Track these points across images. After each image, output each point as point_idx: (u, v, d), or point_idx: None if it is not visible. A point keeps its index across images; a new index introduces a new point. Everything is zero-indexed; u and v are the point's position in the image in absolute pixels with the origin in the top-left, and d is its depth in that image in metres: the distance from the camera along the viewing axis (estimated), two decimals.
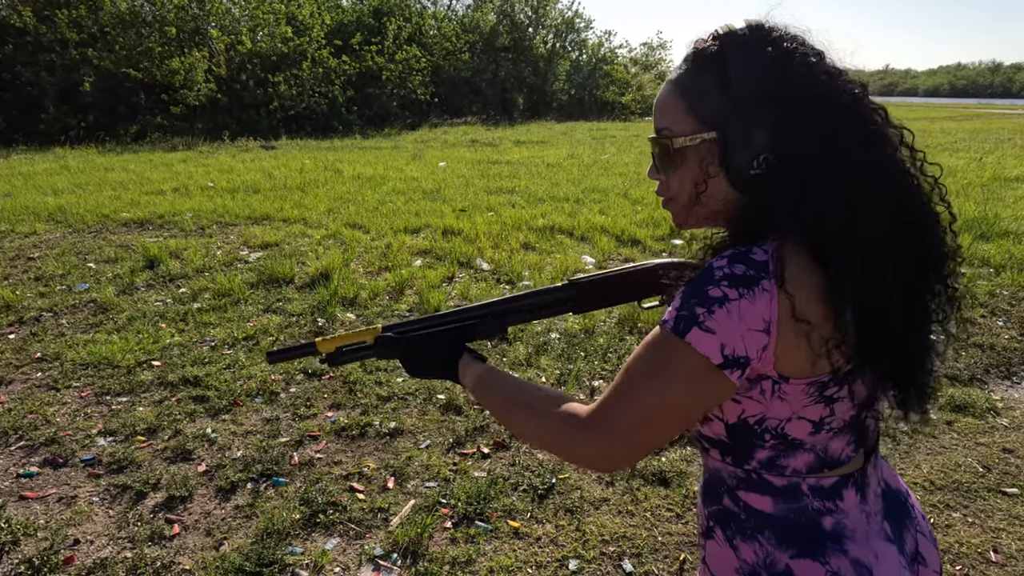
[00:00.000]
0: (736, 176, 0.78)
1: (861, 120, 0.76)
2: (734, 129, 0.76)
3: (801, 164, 0.73)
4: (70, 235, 6.04)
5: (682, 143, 0.81)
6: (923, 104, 52.13)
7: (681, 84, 0.82)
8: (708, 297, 0.72)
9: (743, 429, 0.80)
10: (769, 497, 0.81)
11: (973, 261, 5.28)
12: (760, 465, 0.81)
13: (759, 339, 0.72)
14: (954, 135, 16.83)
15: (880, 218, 0.73)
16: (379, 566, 2.12)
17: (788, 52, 0.76)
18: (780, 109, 0.74)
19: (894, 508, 0.88)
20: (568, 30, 26.67)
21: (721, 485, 0.86)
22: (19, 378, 3.40)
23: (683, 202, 0.85)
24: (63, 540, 2.22)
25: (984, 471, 2.66)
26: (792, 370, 0.75)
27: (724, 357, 0.72)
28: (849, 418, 0.80)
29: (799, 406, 0.77)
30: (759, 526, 0.81)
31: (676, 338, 0.73)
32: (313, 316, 4.19)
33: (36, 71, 14.46)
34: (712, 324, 0.71)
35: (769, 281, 0.72)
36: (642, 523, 2.34)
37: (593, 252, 5.71)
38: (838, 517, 0.80)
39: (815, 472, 0.81)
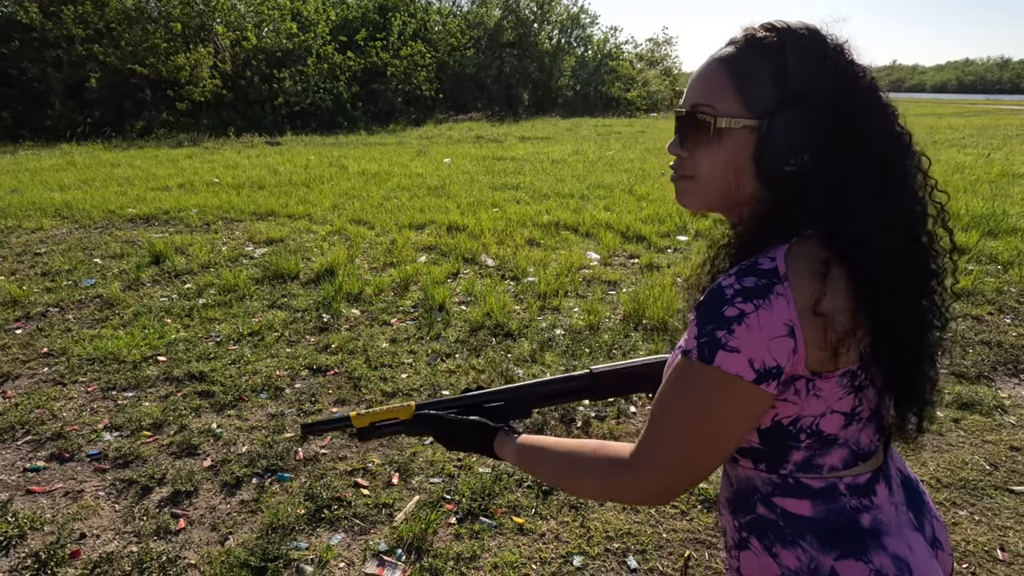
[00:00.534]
0: (768, 170, 0.78)
1: (895, 136, 0.80)
2: (779, 123, 0.76)
3: (837, 169, 0.76)
4: (76, 231, 6.07)
5: (725, 123, 0.79)
6: (930, 100, 51.84)
7: (732, 65, 0.80)
8: (725, 318, 0.72)
9: (777, 432, 0.80)
10: (808, 500, 0.81)
11: (980, 258, 5.26)
12: (796, 467, 0.81)
13: (786, 344, 0.72)
14: (962, 131, 16.73)
15: (900, 230, 0.77)
16: (384, 561, 2.12)
17: (844, 60, 0.78)
18: (829, 113, 0.76)
19: (911, 496, 0.89)
20: (573, 26, 26.61)
21: (754, 494, 0.85)
22: (26, 373, 3.41)
23: (705, 183, 0.84)
24: (69, 534, 2.23)
25: (991, 469, 2.64)
26: (823, 365, 0.75)
27: (756, 372, 0.72)
28: (874, 406, 0.82)
29: (833, 400, 0.78)
30: (799, 531, 0.81)
31: (703, 365, 0.73)
32: (318, 312, 4.20)
33: (43, 67, 14.50)
34: (735, 343, 0.72)
35: (782, 285, 0.72)
36: (647, 520, 2.34)
37: (598, 248, 5.70)
38: (874, 513, 0.81)
39: (850, 467, 0.82)
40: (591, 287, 4.75)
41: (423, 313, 4.20)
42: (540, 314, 4.24)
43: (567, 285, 4.70)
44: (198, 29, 16.46)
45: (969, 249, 5.40)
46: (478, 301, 4.36)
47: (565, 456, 0.91)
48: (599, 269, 5.14)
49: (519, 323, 4.03)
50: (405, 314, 4.23)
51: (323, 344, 3.77)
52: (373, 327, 4.02)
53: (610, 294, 4.64)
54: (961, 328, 3.99)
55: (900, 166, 0.79)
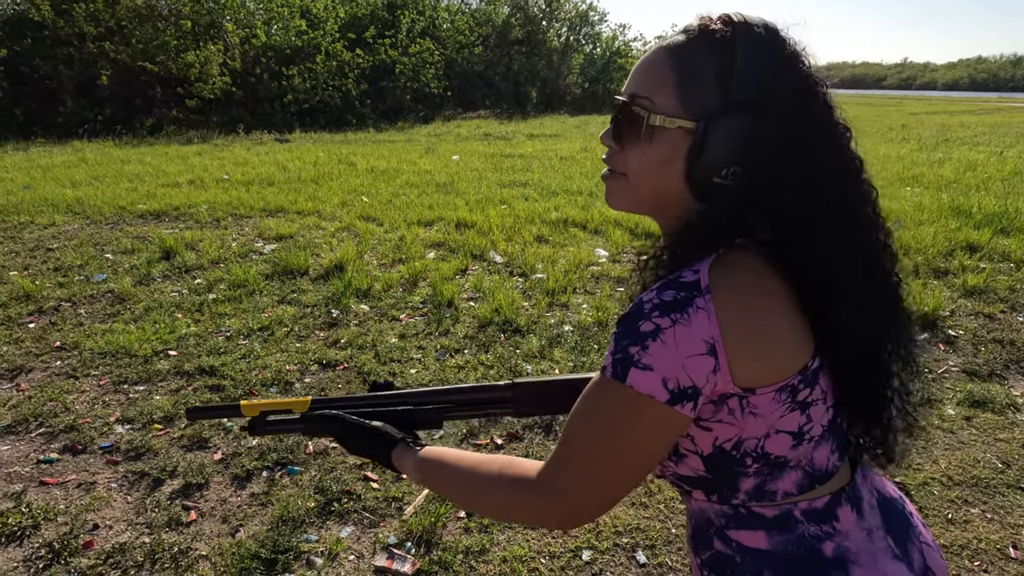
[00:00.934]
0: (698, 178, 0.73)
1: (845, 162, 0.75)
2: (716, 130, 0.71)
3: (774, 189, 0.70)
4: (88, 226, 6.11)
5: (659, 121, 0.73)
6: (942, 98, 51.41)
7: (677, 56, 0.74)
8: (640, 333, 0.67)
9: (721, 458, 0.74)
10: (763, 532, 0.75)
11: (993, 256, 5.21)
12: (748, 496, 0.75)
13: (704, 363, 0.67)
14: (974, 129, 16.59)
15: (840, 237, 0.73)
16: (393, 554, 2.13)
17: (795, 68, 0.72)
18: (773, 125, 0.70)
19: (893, 519, 0.81)
20: (582, 23, 26.54)
21: (709, 527, 0.79)
22: (39, 366, 3.44)
23: (635, 183, 0.78)
24: (83, 525, 2.25)
25: (1003, 467, 2.62)
26: (755, 379, 0.69)
27: (670, 392, 0.67)
28: (827, 423, 0.75)
29: (774, 418, 0.71)
30: (757, 567, 0.74)
31: (616, 383, 0.68)
32: (327, 307, 4.21)
33: (54, 65, 14.60)
34: (648, 360, 0.66)
35: (703, 299, 0.67)
36: (656, 515, 2.34)
37: (607, 245, 5.69)
38: (838, 540, 0.74)
39: (806, 491, 0.75)
40: (600, 284, 4.74)
41: (432, 309, 4.21)
42: (549, 310, 4.24)
43: (576, 282, 4.70)
44: (208, 27, 16.52)
45: (981, 247, 5.36)
46: (487, 297, 4.36)
47: (468, 473, 0.83)
48: (608, 266, 5.14)
49: (528, 319, 4.03)
50: (414, 310, 4.23)
51: (332, 339, 3.78)
52: (382, 322, 4.03)
53: (619, 291, 4.63)
54: (973, 326, 3.96)
55: (847, 195, 0.74)
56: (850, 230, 0.73)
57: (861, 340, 0.74)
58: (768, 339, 0.69)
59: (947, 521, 2.32)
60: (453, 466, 0.85)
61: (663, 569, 2.10)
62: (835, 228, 0.72)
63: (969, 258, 5.12)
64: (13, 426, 2.87)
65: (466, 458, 0.86)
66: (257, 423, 1.01)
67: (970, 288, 4.50)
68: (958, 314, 4.15)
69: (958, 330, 3.92)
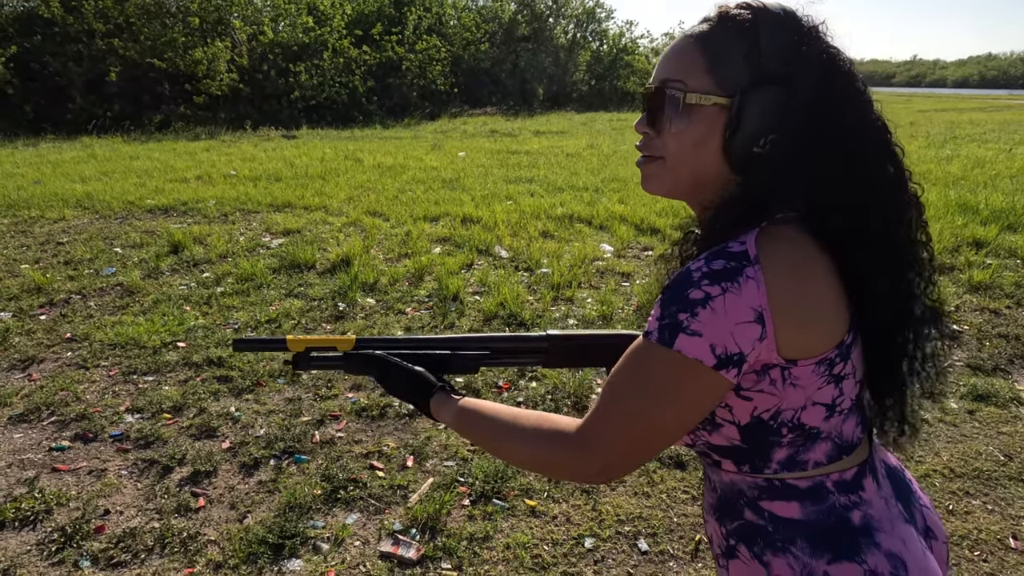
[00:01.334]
0: (737, 151, 0.76)
1: (869, 123, 0.78)
2: (751, 102, 0.74)
3: (808, 152, 0.74)
4: (97, 221, 6.17)
5: (695, 100, 0.77)
6: (952, 95, 51.06)
7: (704, 41, 0.78)
8: (689, 300, 0.70)
9: (758, 428, 0.76)
10: (796, 502, 0.78)
11: (1000, 252, 5.20)
12: (780, 466, 0.78)
13: (751, 331, 0.69)
14: (983, 126, 16.49)
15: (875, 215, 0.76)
16: (398, 541, 2.16)
17: (817, 41, 0.76)
18: (801, 94, 0.74)
19: (899, 487, 0.86)
20: (589, 20, 26.48)
21: (740, 498, 0.81)
22: (50, 357, 3.49)
23: (673, 165, 0.81)
24: (94, 510, 2.30)
25: (1006, 459, 2.64)
26: (798, 351, 0.72)
27: (717, 357, 0.69)
28: (855, 396, 0.79)
29: (812, 390, 0.74)
30: (790, 536, 0.77)
31: (663, 348, 0.71)
32: (334, 300, 4.25)
33: (64, 61, 14.68)
34: (698, 326, 0.69)
35: (753, 268, 0.70)
36: (658, 504, 2.36)
37: (612, 240, 5.70)
38: (864, 509, 0.78)
39: (834, 461, 0.79)
40: (604, 278, 4.76)
41: (437, 302, 4.24)
42: (553, 304, 4.26)
43: (580, 276, 4.72)
44: (215, 23, 16.59)
45: (988, 243, 5.34)
46: (492, 291, 4.39)
47: (506, 423, 0.85)
48: (613, 261, 5.15)
49: (532, 313, 4.06)
50: (419, 303, 4.27)
51: (339, 331, 3.82)
52: (388, 315, 4.06)
53: (623, 286, 4.65)
54: (978, 321, 3.96)
55: (873, 153, 0.77)
56: (877, 185, 0.77)
57: (892, 305, 0.77)
58: (813, 310, 0.72)
59: (948, 512, 2.33)
60: (491, 416, 0.88)
61: (664, 556, 2.13)
62: (863, 184, 0.75)
63: (975, 254, 5.12)
64: (26, 414, 2.92)
65: (504, 409, 0.88)
66: (301, 358, 1.01)
67: (976, 284, 4.49)
68: (963, 309, 4.15)
69: (963, 325, 3.92)
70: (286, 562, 2.08)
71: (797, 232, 0.75)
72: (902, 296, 0.79)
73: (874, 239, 0.76)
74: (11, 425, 2.85)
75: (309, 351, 1.01)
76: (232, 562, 2.07)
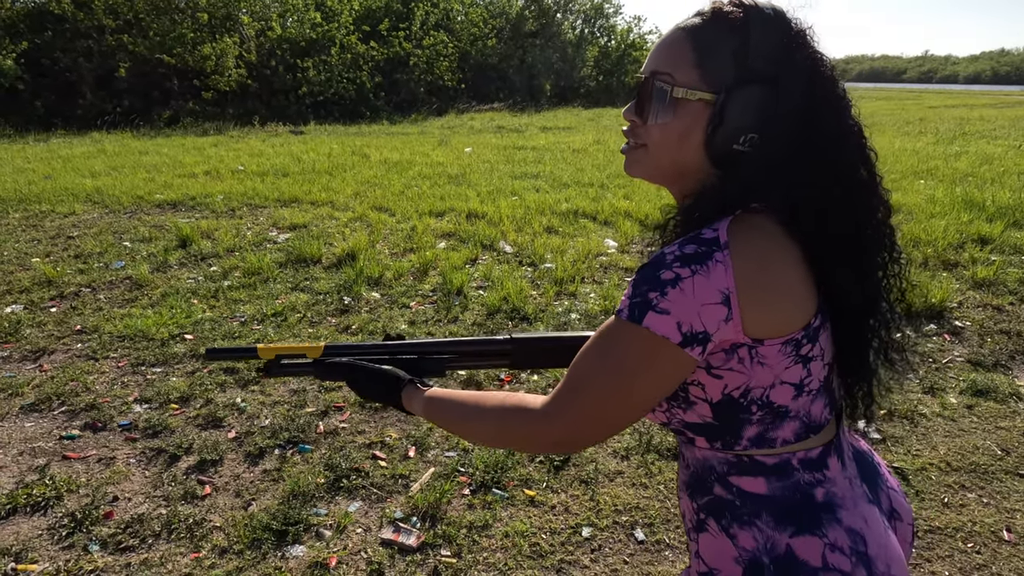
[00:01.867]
0: (718, 145, 0.79)
1: (846, 127, 0.81)
2: (735, 100, 0.77)
3: (786, 151, 0.77)
4: (107, 215, 6.24)
5: (682, 94, 0.79)
6: (963, 91, 50.61)
7: (695, 36, 0.80)
8: (660, 280, 0.73)
9: (729, 405, 0.79)
10: (762, 478, 0.81)
11: (1004, 248, 5.19)
12: (750, 443, 0.81)
13: (717, 312, 0.72)
14: (993, 123, 16.36)
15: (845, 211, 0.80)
16: (399, 528, 2.20)
17: (804, 45, 0.78)
18: (784, 95, 0.76)
19: (865, 469, 0.90)
20: (597, 15, 26.42)
21: (711, 474, 0.85)
22: (60, 348, 3.56)
23: (655, 153, 0.84)
24: (103, 497, 2.35)
25: (1003, 454, 2.65)
26: (764, 331, 0.75)
27: (683, 335, 0.72)
28: (823, 378, 0.82)
29: (780, 369, 0.77)
30: (755, 510, 0.81)
31: (632, 325, 0.74)
32: (340, 295, 4.30)
33: (74, 57, 14.81)
34: (666, 305, 0.72)
35: (722, 253, 0.73)
36: (655, 495, 2.39)
37: (616, 236, 5.72)
38: (827, 487, 0.81)
39: (802, 440, 0.82)
40: (608, 274, 4.79)
41: (441, 297, 4.28)
42: (556, 299, 4.30)
43: (584, 271, 4.75)
44: (224, 19, 16.68)
45: (993, 239, 5.33)
46: (495, 286, 4.42)
47: (472, 405, 0.90)
48: (617, 256, 5.18)
49: (535, 307, 4.09)
50: (424, 297, 4.31)
51: (344, 325, 3.87)
52: (393, 309, 4.11)
53: (627, 280, 4.68)
54: (980, 317, 3.97)
55: (849, 157, 0.80)
56: (851, 189, 0.80)
57: (859, 296, 0.81)
58: (779, 294, 0.76)
59: (943, 505, 2.36)
60: (458, 400, 0.93)
61: (660, 546, 2.16)
62: (838, 188, 0.79)
63: (980, 250, 5.11)
64: (37, 404, 2.98)
65: (469, 394, 0.93)
66: (272, 365, 1.06)
67: (979, 280, 4.49)
68: (966, 306, 4.15)
69: (965, 321, 3.92)
70: (289, 548, 2.12)
71: (768, 222, 0.79)
72: (867, 288, 0.83)
73: (843, 238, 0.79)
74: (23, 414, 2.92)
75: (280, 358, 1.06)
76: (237, 547, 2.12)
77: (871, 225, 0.82)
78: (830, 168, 0.78)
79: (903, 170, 8.68)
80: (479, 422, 0.89)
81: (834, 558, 0.78)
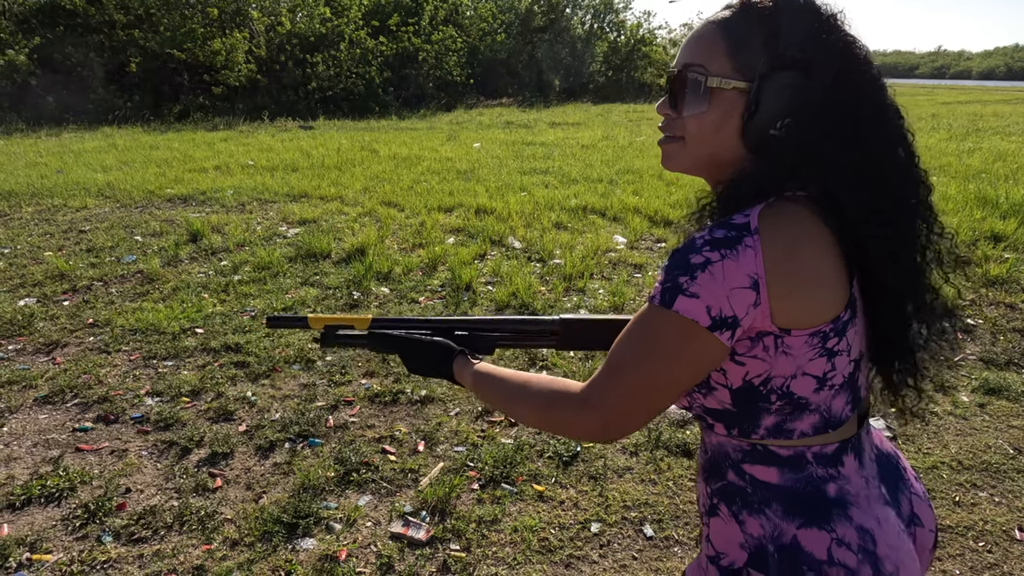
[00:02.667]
0: (755, 132, 0.79)
1: (882, 108, 0.80)
2: (769, 86, 0.77)
3: (822, 135, 0.77)
4: (118, 210, 6.28)
5: (716, 83, 0.80)
6: (977, 87, 50.10)
7: (726, 27, 0.81)
8: (690, 265, 0.73)
9: (748, 392, 0.79)
10: (775, 468, 0.81)
11: (1018, 246, 5.14)
12: (767, 433, 0.81)
13: (746, 296, 0.73)
14: (1007, 119, 16.19)
15: (883, 195, 0.79)
16: (408, 522, 2.21)
17: (835, 28, 0.79)
18: (818, 80, 0.76)
19: (887, 471, 0.89)
20: (606, 10, 26.29)
21: (726, 460, 0.85)
22: (73, 341, 3.59)
23: (692, 145, 0.84)
24: (116, 488, 2.38)
25: (1015, 453, 2.63)
26: (792, 320, 0.75)
27: (712, 319, 0.73)
28: (847, 374, 0.81)
29: (804, 360, 0.77)
30: (766, 498, 0.81)
31: (663, 310, 0.75)
32: (349, 289, 4.31)
33: (85, 52, 14.90)
34: (696, 289, 0.73)
35: (752, 238, 0.73)
36: (664, 491, 2.39)
37: (625, 232, 5.71)
38: (841, 483, 0.81)
39: (820, 433, 0.81)
40: (617, 270, 4.78)
41: (450, 292, 4.28)
42: (565, 295, 4.29)
43: (593, 267, 4.74)
44: (234, 14, 16.73)
45: (1007, 237, 5.28)
46: (504, 281, 4.42)
47: (518, 385, 0.91)
48: (625, 252, 5.17)
49: (544, 303, 4.09)
50: (433, 293, 4.32)
51: None
52: (401, 304, 4.12)
53: (635, 277, 4.67)
54: (994, 315, 3.94)
55: (886, 137, 0.80)
56: (888, 170, 0.79)
57: (896, 279, 0.80)
58: (808, 282, 0.75)
59: (954, 503, 2.34)
60: (505, 378, 0.94)
61: (669, 542, 2.16)
62: (873, 172, 0.78)
63: (993, 248, 5.06)
64: (50, 396, 3.01)
65: (516, 374, 0.94)
66: (329, 335, 1.08)
67: (992, 278, 4.45)
68: (978, 303, 4.12)
69: (977, 319, 3.89)
70: (300, 541, 2.14)
71: (802, 208, 0.77)
72: (904, 272, 0.81)
73: (881, 220, 0.78)
74: (36, 406, 2.95)
75: (335, 328, 1.07)
76: (248, 540, 2.14)
77: (909, 206, 0.82)
78: (866, 149, 0.78)
79: None
80: (524, 404, 0.90)
81: (840, 553, 0.78)
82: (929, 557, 0.92)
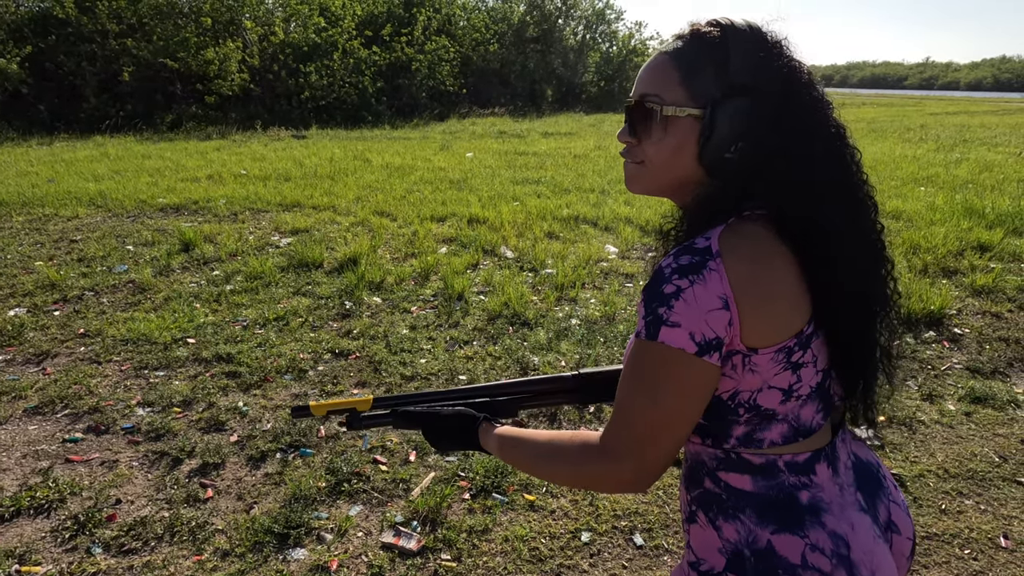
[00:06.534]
0: (710, 156, 0.83)
1: (829, 127, 0.85)
2: (721, 112, 0.81)
3: (775, 156, 0.81)
4: (110, 219, 6.27)
5: (671, 112, 0.84)
6: (964, 98, 50.65)
7: (678, 57, 0.84)
8: (664, 295, 0.76)
9: (717, 406, 0.83)
10: (748, 476, 0.84)
11: (1004, 256, 5.21)
12: (739, 442, 0.84)
13: (722, 316, 0.75)
14: (994, 130, 16.40)
15: (838, 210, 0.83)
16: (400, 532, 2.22)
17: (780, 55, 0.83)
18: (767, 104, 0.80)
19: (865, 479, 0.91)
20: (599, 21, 26.50)
21: (702, 468, 0.88)
22: (64, 352, 3.58)
23: (652, 169, 0.88)
24: (106, 499, 2.37)
25: (1000, 461, 2.66)
26: (759, 339, 0.78)
27: (697, 345, 0.75)
28: (815, 384, 0.84)
29: (769, 375, 0.80)
30: (740, 504, 0.84)
31: (651, 343, 0.77)
32: (341, 299, 4.32)
33: (78, 61, 14.87)
34: (675, 317, 0.75)
35: (715, 261, 0.76)
36: (654, 500, 2.41)
37: (617, 242, 5.75)
38: (813, 491, 0.83)
39: (790, 443, 0.84)
40: (608, 279, 4.81)
41: (442, 302, 4.30)
42: (557, 304, 4.32)
43: (584, 277, 4.77)
44: (227, 24, 16.75)
45: (993, 247, 5.35)
46: (496, 291, 4.44)
47: (543, 445, 0.92)
48: (617, 262, 5.20)
49: (536, 313, 4.11)
50: (425, 302, 4.33)
51: (345, 329, 3.89)
52: (394, 314, 4.13)
53: (627, 286, 4.70)
54: (979, 325, 3.98)
55: (830, 155, 0.84)
56: (837, 190, 0.83)
57: (851, 297, 0.83)
58: (773, 298, 0.78)
59: (940, 511, 2.37)
60: (530, 440, 0.95)
61: (659, 551, 2.18)
62: (824, 188, 0.82)
63: (979, 257, 5.13)
64: (40, 407, 3.00)
65: (540, 433, 0.95)
66: (354, 419, 1.09)
67: (979, 287, 4.51)
68: (965, 313, 4.17)
69: (964, 328, 3.94)
70: (291, 551, 2.14)
71: (760, 227, 0.81)
72: (859, 288, 0.85)
73: (831, 236, 0.81)
74: (26, 417, 2.94)
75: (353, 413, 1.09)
76: (239, 550, 2.14)
77: (856, 221, 0.85)
78: (812, 168, 0.81)
79: (903, 177, 8.71)
80: (551, 467, 0.90)
81: (814, 558, 0.80)
82: (906, 564, 0.94)
